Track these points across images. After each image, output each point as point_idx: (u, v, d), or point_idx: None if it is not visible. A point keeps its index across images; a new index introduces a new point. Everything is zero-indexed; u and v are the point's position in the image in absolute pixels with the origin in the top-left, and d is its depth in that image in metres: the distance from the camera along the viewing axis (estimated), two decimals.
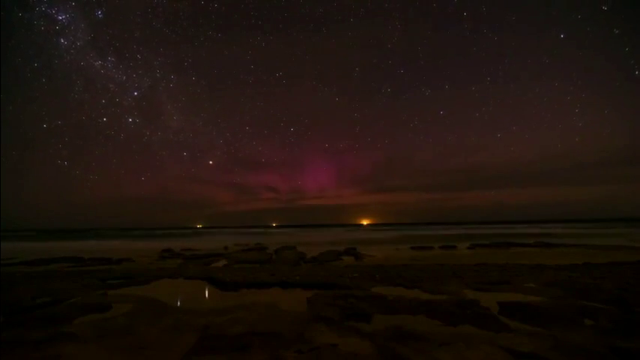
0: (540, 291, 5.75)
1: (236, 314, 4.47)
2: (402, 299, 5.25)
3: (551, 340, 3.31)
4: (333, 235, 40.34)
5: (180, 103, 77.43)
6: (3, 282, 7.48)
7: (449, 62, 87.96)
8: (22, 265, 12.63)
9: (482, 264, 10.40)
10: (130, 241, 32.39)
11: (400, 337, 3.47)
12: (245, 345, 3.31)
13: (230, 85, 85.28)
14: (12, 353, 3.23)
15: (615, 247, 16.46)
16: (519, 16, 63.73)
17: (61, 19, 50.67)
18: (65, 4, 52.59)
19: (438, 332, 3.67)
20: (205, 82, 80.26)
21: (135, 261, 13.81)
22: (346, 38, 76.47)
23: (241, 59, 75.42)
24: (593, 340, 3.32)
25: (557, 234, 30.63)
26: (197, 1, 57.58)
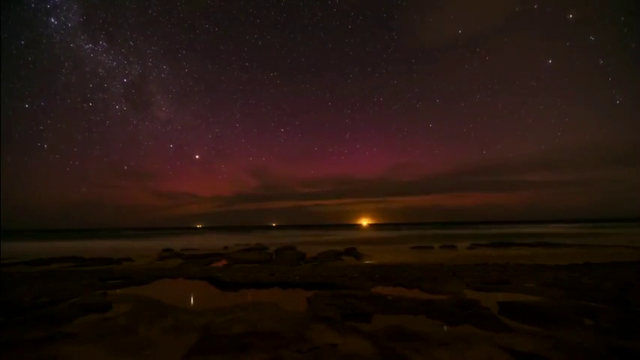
0: (540, 291, 5.75)
1: (236, 314, 4.46)
2: (402, 299, 5.25)
3: (551, 340, 3.31)
4: (332, 235, 40.33)
5: (171, 94, 76.00)
6: (3, 282, 7.48)
7: (441, 76, 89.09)
8: (22, 265, 12.63)
9: (482, 264, 10.39)
10: (130, 241, 32.40)
11: (400, 337, 3.47)
12: (245, 345, 3.31)
13: (223, 81, 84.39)
14: (11, 353, 3.23)
15: (615, 247, 16.46)
16: (511, 39, 65.90)
17: None
18: None
19: (438, 332, 3.67)
20: (198, 76, 79.15)
21: (135, 261, 13.81)
22: (343, 44, 77.06)
23: (236, 55, 74.66)
24: (593, 340, 3.31)
25: (557, 234, 30.63)
26: None
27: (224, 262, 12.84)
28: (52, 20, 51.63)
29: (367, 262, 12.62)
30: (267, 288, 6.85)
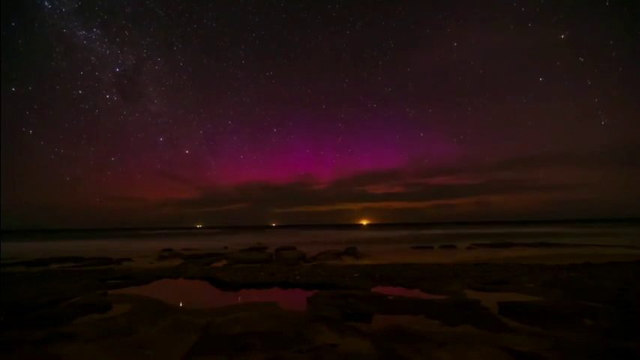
0: (540, 291, 5.75)
1: (236, 314, 4.46)
2: (402, 299, 5.25)
3: (551, 340, 3.31)
4: (332, 235, 40.33)
5: (164, 87, 74.63)
6: (3, 282, 7.47)
7: (435, 87, 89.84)
8: (22, 265, 12.62)
9: (482, 264, 10.39)
10: (130, 241, 32.39)
11: (400, 337, 3.47)
12: (245, 345, 3.30)
13: (218, 77, 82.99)
14: (12, 353, 3.23)
15: (615, 247, 16.46)
16: (505, 53, 67.06)
17: None
18: None
19: (438, 332, 3.67)
20: (192, 70, 77.94)
21: (135, 261, 13.81)
22: (341, 48, 77.35)
23: (233, 52, 74.01)
24: (593, 340, 3.31)
25: (557, 234, 30.62)
26: None
27: (224, 262, 12.83)
28: (46, 4, 50.57)
29: (367, 262, 12.62)
30: (267, 288, 6.85)
